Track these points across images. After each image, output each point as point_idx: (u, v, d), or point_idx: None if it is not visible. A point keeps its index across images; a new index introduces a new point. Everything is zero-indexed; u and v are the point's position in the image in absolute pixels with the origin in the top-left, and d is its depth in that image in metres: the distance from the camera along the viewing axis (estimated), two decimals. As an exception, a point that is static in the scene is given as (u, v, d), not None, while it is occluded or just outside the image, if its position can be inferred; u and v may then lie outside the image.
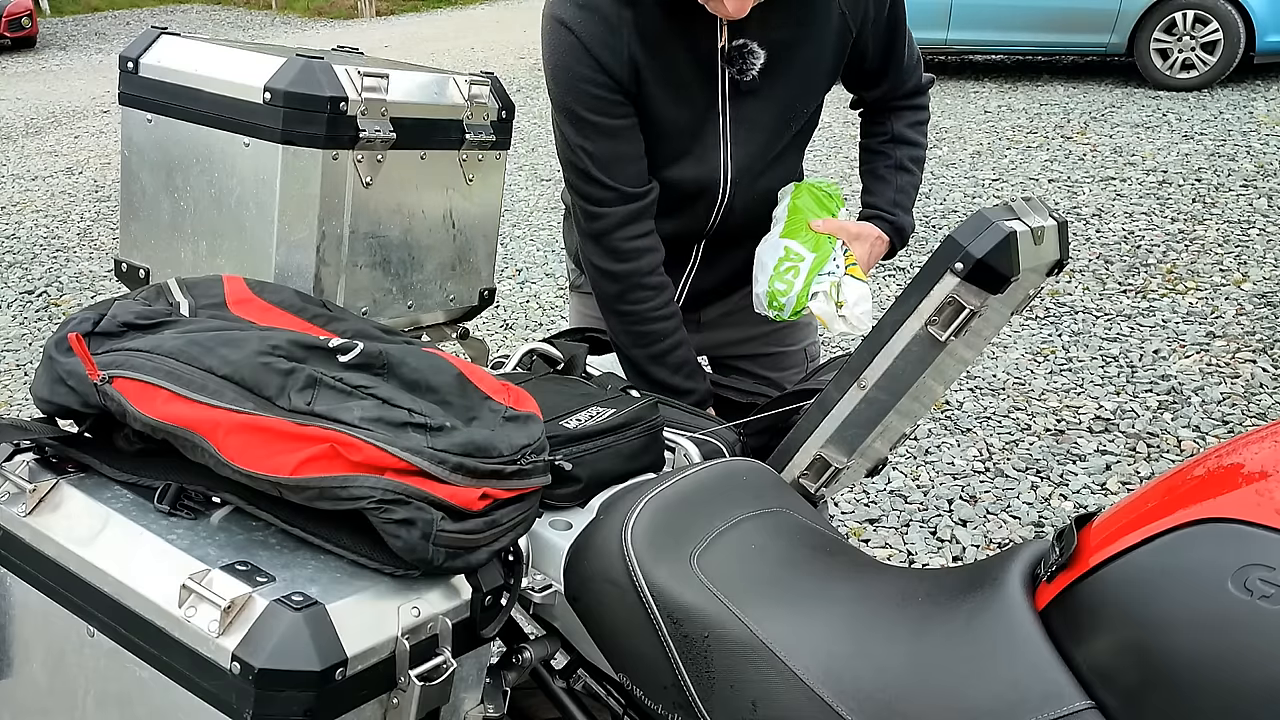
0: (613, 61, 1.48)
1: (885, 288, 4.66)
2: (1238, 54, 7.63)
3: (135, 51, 1.36)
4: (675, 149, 1.59)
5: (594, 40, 1.46)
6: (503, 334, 4.41)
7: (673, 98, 1.55)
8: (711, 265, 1.76)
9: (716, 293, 1.80)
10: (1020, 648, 0.88)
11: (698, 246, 1.73)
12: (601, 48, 1.47)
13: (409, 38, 14.01)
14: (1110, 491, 3.06)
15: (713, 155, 1.61)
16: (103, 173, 7.35)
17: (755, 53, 1.54)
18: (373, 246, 1.35)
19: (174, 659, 0.90)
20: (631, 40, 1.47)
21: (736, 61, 1.54)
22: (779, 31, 1.54)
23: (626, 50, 1.48)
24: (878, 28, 1.62)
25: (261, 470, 0.95)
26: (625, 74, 1.49)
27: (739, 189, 1.65)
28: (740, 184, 1.65)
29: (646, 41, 1.49)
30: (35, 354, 4.40)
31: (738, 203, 1.66)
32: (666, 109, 1.55)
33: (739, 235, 1.71)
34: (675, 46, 1.51)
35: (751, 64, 1.54)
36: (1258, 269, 4.56)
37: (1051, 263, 1.34)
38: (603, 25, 1.46)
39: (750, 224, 1.70)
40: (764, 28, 1.52)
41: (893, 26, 1.65)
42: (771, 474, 1.30)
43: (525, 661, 1.16)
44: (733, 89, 1.57)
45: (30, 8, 14.91)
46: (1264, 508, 0.79)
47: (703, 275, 1.76)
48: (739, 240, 1.72)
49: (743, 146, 1.62)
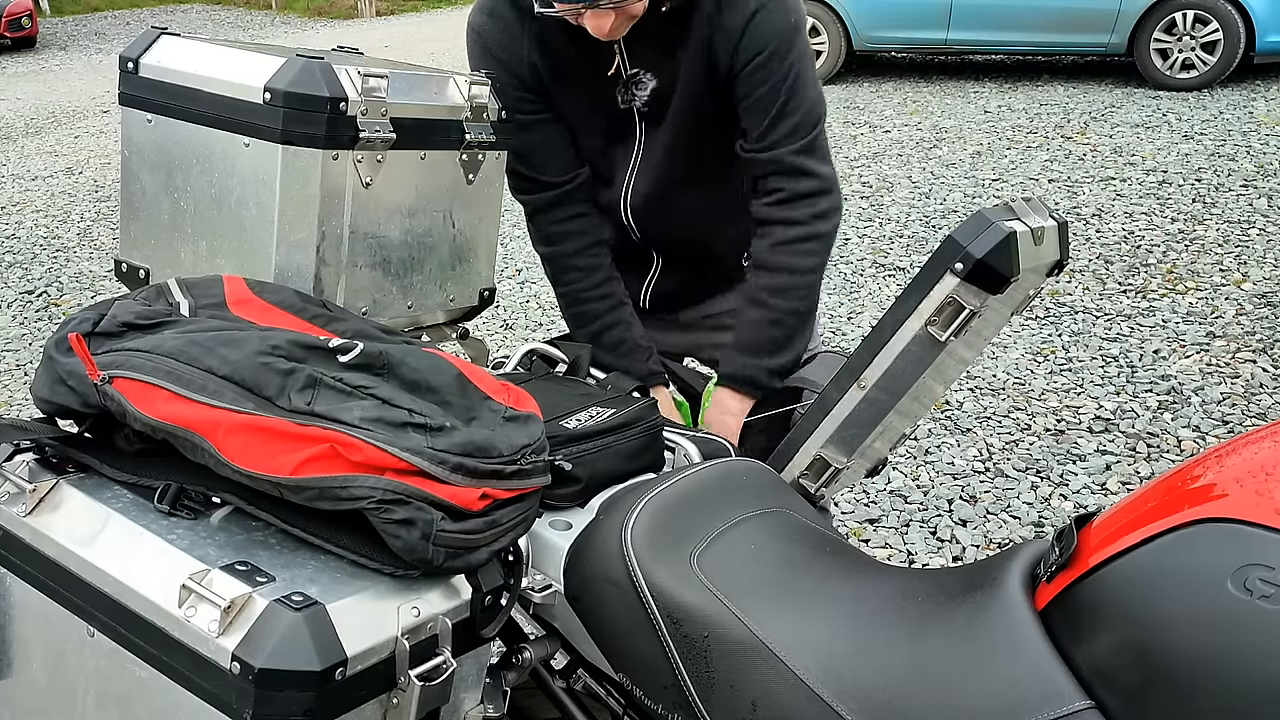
0: (512, 61, 1.55)
1: (885, 288, 4.66)
2: (1238, 54, 7.62)
3: (135, 52, 1.36)
4: (595, 166, 1.65)
5: (495, 43, 1.56)
6: (503, 334, 4.41)
7: (584, 115, 1.60)
8: (672, 270, 1.78)
9: (688, 295, 1.82)
10: (1020, 648, 0.88)
11: (654, 261, 1.77)
12: (500, 49, 1.55)
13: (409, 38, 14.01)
14: (1110, 491, 3.06)
15: (621, 177, 1.65)
16: (103, 173, 7.35)
17: (645, 80, 1.56)
18: (373, 246, 1.35)
19: (174, 659, 0.90)
20: (531, 49, 1.55)
21: (630, 87, 1.56)
22: (660, 56, 1.53)
23: (526, 56, 1.55)
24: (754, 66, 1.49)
25: (261, 470, 0.95)
26: (526, 73, 1.55)
27: (638, 210, 1.67)
28: (638, 206, 1.66)
29: (549, 55, 1.55)
30: (35, 354, 4.40)
31: (647, 222, 1.68)
32: (582, 125, 1.61)
33: (683, 247, 1.74)
34: (580, 66, 1.55)
35: (644, 90, 1.56)
36: (1258, 269, 4.56)
37: (1051, 263, 1.34)
38: (504, 32, 1.55)
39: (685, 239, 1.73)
40: (650, 54, 1.53)
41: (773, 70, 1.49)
42: (771, 474, 1.31)
43: (525, 661, 1.16)
44: (644, 118, 1.60)
45: (30, 8, 14.90)
46: (1264, 508, 0.79)
47: (665, 279, 1.79)
48: (688, 250, 1.75)
49: (643, 172, 1.64)
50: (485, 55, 1.57)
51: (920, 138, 6.98)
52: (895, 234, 5.29)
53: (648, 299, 1.81)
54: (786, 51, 1.50)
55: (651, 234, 1.71)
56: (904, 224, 5.42)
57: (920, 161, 6.43)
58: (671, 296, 1.81)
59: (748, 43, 1.48)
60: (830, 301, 4.56)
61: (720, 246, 1.76)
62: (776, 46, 1.49)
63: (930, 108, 7.81)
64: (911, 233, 5.28)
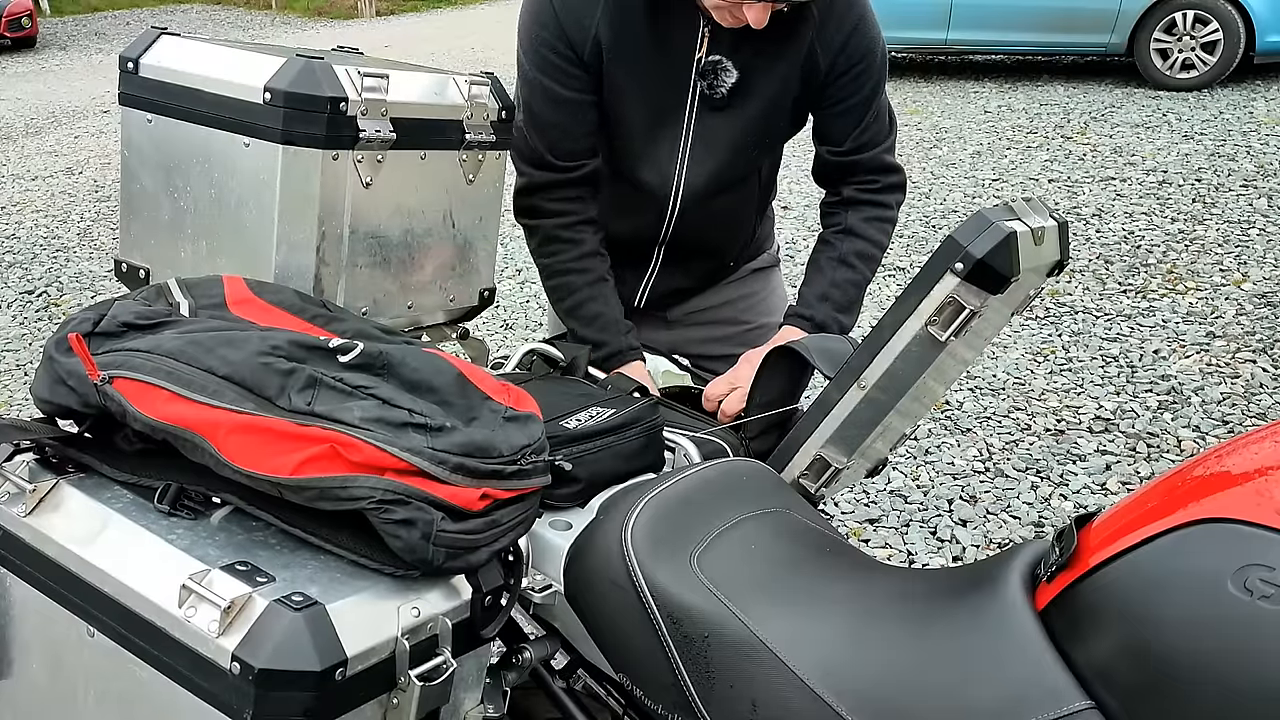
0: (576, 33, 1.53)
1: (885, 288, 4.66)
2: (1238, 54, 7.63)
3: (135, 52, 1.36)
4: (634, 149, 1.63)
5: (565, 8, 1.53)
6: (503, 334, 4.41)
7: (640, 96, 1.58)
8: (670, 270, 1.78)
9: (681, 293, 1.83)
10: (1020, 648, 0.88)
11: (657, 251, 1.76)
12: (569, 16, 1.53)
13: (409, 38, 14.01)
14: (1110, 491, 3.06)
15: (667, 166, 1.64)
16: (103, 173, 7.35)
17: (729, 70, 1.56)
18: (373, 246, 1.35)
19: (174, 659, 0.90)
20: (602, 22, 1.52)
21: (709, 76, 1.56)
22: (753, 53, 1.55)
23: (595, 28, 1.52)
24: (851, 75, 1.59)
25: (261, 470, 0.95)
26: (587, 49, 1.54)
27: (688, 205, 1.67)
28: (689, 201, 1.67)
29: (617, 29, 1.53)
30: (35, 354, 4.40)
31: (688, 218, 1.69)
32: (632, 106, 1.59)
33: (695, 246, 1.75)
34: (649, 45, 1.54)
35: (724, 81, 1.56)
36: (1258, 269, 4.56)
37: (1051, 263, 1.34)
38: None
39: (705, 240, 1.74)
40: (739, 48, 1.54)
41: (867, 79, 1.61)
42: (771, 474, 1.30)
43: (525, 661, 1.16)
44: (701, 104, 1.59)
45: (30, 8, 14.90)
46: (1264, 508, 0.79)
47: (663, 279, 1.79)
48: (696, 250, 1.76)
49: (699, 164, 1.64)
50: (548, 20, 1.54)
51: (920, 138, 6.98)
52: (895, 234, 5.29)
53: (644, 298, 1.81)
54: (876, 64, 1.62)
55: (684, 226, 1.70)
56: (904, 224, 5.42)
57: (920, 161, 6.43)
58: (667, 295, 1.82)
59: (850, 53, 1.58)
60: (830, 301, 4.55)
61: (730, 249, 1.78)
62: (870, 59, 1.60)
63: (930, 108, 7.81)
64: (911, 233, 5.28)
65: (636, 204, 1.69)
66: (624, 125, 1.62)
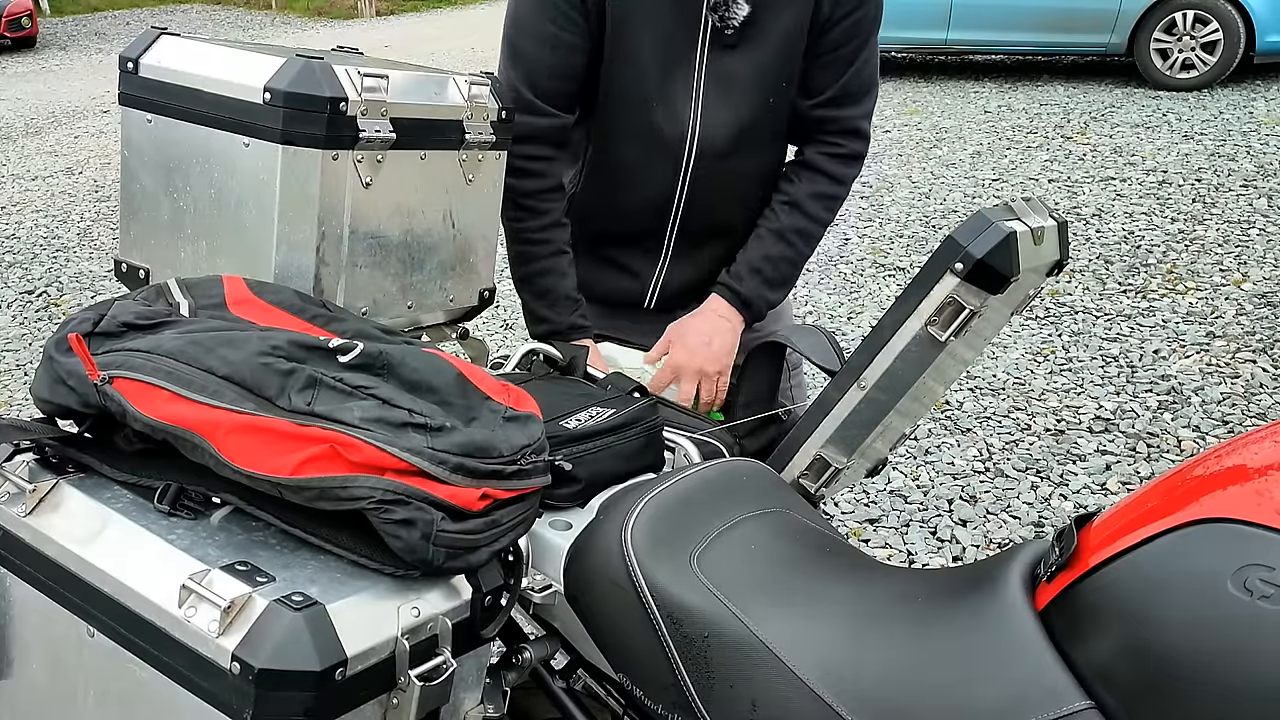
0: None
1: (885, 288, 4.66)
2: (1238, 54, 7.63)
3: (135, 52, 1.36)
4: (647, 88, 1.61)
5: None
6: (503, 334, 4.41)
7: (650, 32, 1.57)
8: (682, 258, 1.74)
9: (691, 290, 1.77)
10: (1020, 648, 0.88)
11: (670, 230, 1.72)
12: None
13: (409, 38, 14.01)
14: (1110, 491, 3.06)
15: (683, 109, 1.62)
16: (103, 173, 7.35)
17: (740, 3, 1.55)
18: (373, 247, 1.35)
19: (174, 659, 0.90)
20: None
21: (720, 9, 1.55)
22: None
23: None
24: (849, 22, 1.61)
25: (261, 470, 0.95)
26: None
27: (704, 160, 1.64)
28: (705, 155, 1.63)
29: None
30: (35, 354, 4.40)
31: (703, 182, 1.65)
32: (641, 44, 1.58)
33: (709, 223, 1.71)
34: None
35: (735, 14, 1.55)
36: (1258, 269, 4.57)
37: (1051, 263, 1.34)
38: None
39: (719, 214, 1.70)
40: None
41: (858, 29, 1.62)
42: (771, 474, 1.30)
43: (525, 661, 1.16)
44: (713, 39, 1.58)
45: (30, 8, 14.90)
46: (1264, 508, 0.79)
47: (675, 269, 1.75)
48: (709, 230, 1.72)
49: (715, 107, 1.62)
50: None
51: (920, 138, 6.99)
52: (895, 234, 5.29)
53: (654, 297, 1.77)
54: (873, 16, 1.63)
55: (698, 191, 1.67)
56: (904, 224, 5.42)
57: (920, 161, 6.43)
58: (679, 293, 1.77)
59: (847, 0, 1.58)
60: (830, 301, 4.56)
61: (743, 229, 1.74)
62: (868, 9, 1.61)
63: (930, 108, 7.82)
64: (911, 233, 5.28)
65: (650, 162, 1.65)
66: (634, 63, 1.59)
